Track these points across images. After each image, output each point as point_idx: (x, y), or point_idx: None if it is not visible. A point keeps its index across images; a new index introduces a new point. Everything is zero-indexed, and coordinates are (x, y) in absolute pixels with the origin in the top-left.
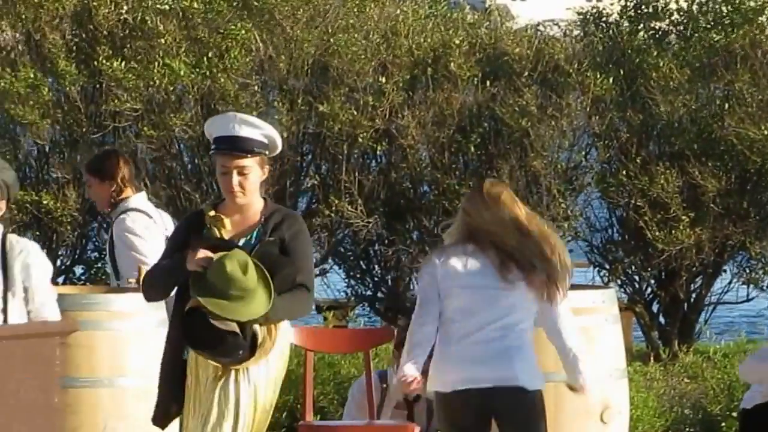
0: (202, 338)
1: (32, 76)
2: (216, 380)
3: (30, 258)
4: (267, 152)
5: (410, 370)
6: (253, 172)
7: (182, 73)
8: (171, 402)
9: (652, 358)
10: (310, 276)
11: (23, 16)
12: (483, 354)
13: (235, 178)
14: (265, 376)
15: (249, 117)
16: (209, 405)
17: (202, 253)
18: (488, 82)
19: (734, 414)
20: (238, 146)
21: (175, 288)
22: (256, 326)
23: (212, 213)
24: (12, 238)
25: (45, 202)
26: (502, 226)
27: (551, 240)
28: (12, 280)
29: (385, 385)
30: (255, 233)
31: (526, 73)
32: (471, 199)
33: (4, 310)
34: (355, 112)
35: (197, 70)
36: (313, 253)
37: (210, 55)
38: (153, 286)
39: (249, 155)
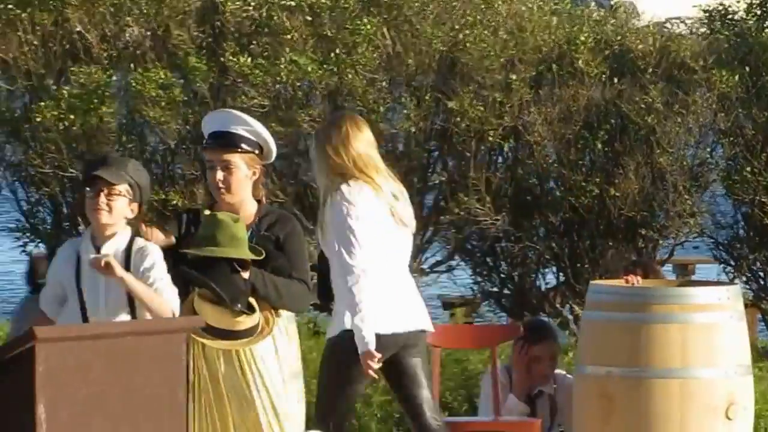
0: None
1: (163, 76)
2: (224, 380)
3: (152, 258)
4: (256, 152)
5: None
6: (239, 170)
7: (309, 69)
8: None
9: None
10: (306, 274)
11: (147, 12)
12: (403, 298)
13: (219, 173)
14: (275, 367)
15: (241, 114)
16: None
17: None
18: (614, 79)
19: None
20: (222, 141)
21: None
22: (252, 300)
23: (207, 212)
24: (138, 242)
25: (174, 201)
26: (372, 159)
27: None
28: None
29: (510, 380)
30: (249, 233)
31: (651, 70)
32: (337, 135)
33: (132, 310)
34: (483, 109)
35: (324, 66)
36: (307, 254)
37: (337, 51)
38: None
39: (234, 151)
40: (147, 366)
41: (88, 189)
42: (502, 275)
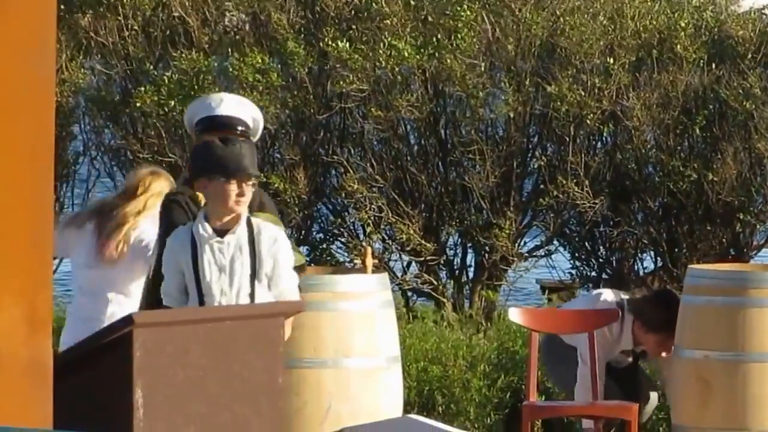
0: None
1: (260, 60)
2: None
3: (278, 244)
4: (251, 134)
5: None
6: None
7: (407, 54)
8: None
9: None
10: None
11: None
12: None
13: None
14: None
15: (234, 96)
16: None
17: None
18: (713, 65)
19: None
20: (223, 123)
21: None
22: None
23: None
24: (256, 222)
25: (275, 184)
26: None
27: None
28: (260, 265)
29: (621, 329)
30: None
31: (750, 56)
32: None
33: (252, 295)
34: (583, 93)
35: (423, 50)
36: None
37: (438, 35)
38: None
39: (236, 133)
40: (245, 350)
41: (223, 178)
42: (601, 259)
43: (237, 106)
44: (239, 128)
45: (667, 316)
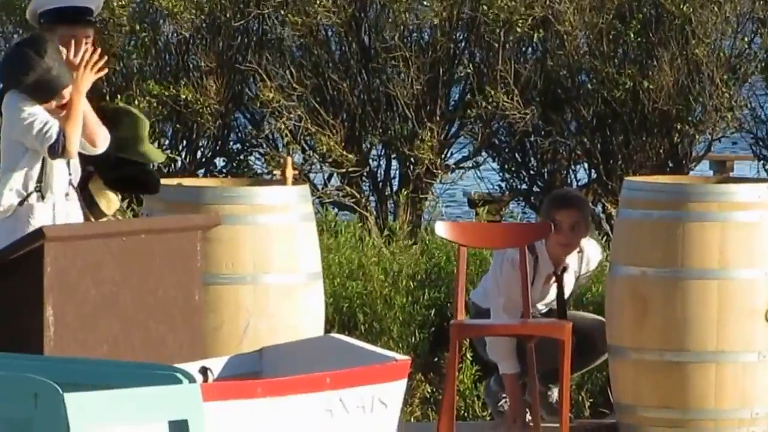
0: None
1: None
2: None
3: None
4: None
5: None
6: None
7: None
8: None
9: None
10: None
11: None
12: None
13: (83, 47)
14: None
15: None
16: None
17: None
18: None
19: None
20: (85, 14)
21: None
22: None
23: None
24: None
25: (183, 96)
26: None
27: None
28: None
29: (535, 256)
30: None
31: None
32: None
33: None
34: None
35: None
36: None
37: None
38: None
39: (93, 25)
40: (160, 265)
41: None
42: (532, 172)
43: None
44: (87, 17)
45: (551, 199)
